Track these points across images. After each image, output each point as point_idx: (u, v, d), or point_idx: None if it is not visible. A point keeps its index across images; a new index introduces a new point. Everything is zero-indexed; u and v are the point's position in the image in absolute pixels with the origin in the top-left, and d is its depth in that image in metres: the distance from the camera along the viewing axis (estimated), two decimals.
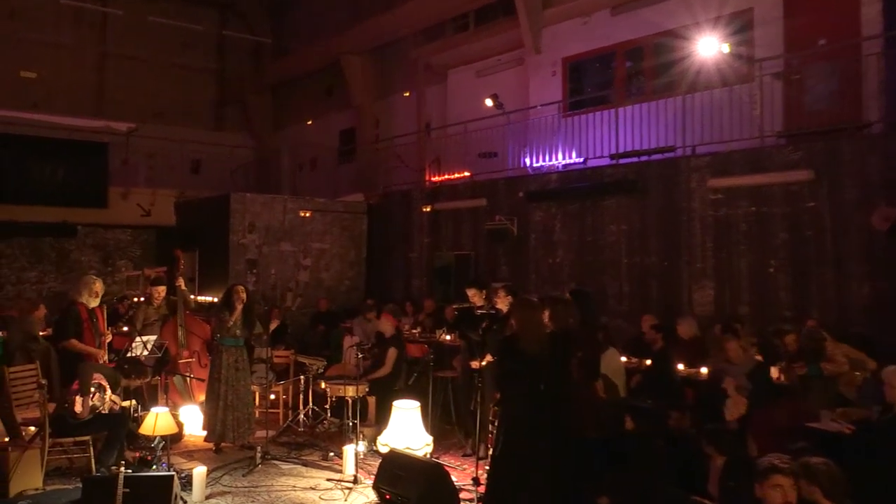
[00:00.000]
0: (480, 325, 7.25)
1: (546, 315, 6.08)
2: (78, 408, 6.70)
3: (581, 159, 12.14)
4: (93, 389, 6.82)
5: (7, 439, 6.95)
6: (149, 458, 7.10)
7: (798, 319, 8.45)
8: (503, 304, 7.29)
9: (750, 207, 9.39)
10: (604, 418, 6.50)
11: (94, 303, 7.82)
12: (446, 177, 14.66)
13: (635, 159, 11.00)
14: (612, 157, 11.40)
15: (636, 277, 10.60)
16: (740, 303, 9.45)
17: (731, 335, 7.66)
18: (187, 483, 6.48)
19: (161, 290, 8.87)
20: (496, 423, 5.85)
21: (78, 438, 6.71)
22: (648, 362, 8.29)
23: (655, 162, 10.68)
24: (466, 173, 14.08)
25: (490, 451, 6.06)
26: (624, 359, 8.38)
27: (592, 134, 11.89)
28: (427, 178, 15.02)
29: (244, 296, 7.87)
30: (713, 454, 5.50)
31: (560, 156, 12.63)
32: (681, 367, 7.96)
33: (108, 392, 6.99)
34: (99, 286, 7.89)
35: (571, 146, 12.45)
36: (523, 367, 5.35)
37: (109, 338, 7.93)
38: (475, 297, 7.90)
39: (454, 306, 9.22)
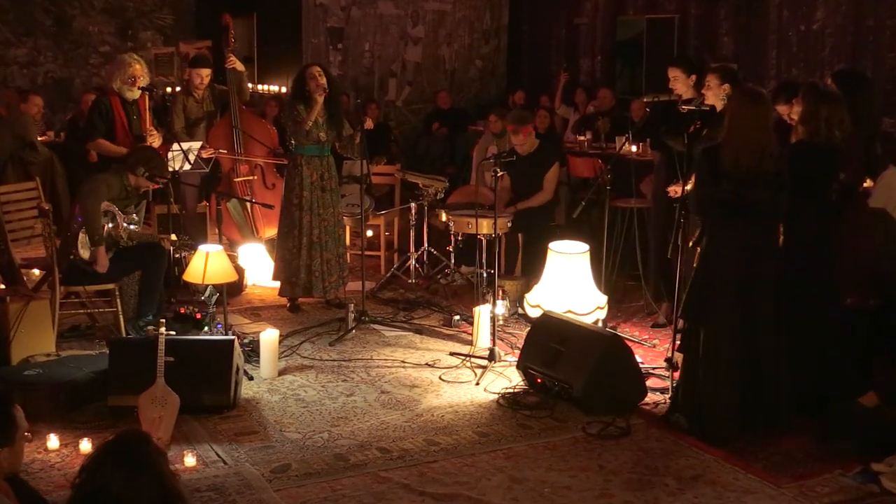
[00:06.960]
0: (688, 127, 7.13)
1: (798, 118, 5.94)
2: (86, 253, 7.09)
3: None
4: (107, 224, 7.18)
5: (3, 287, 7.57)
6: (197, 315, 7.51)
7: None
8: (716, 96, 7.10)
9: None
10: (877, 277, 6.42)
11: (132, 93, 8.21)
12: None
13: None
14: None
15: None
16: None
17: None
18: (252, 352, 6.90)
19: (205, 75, 9.11)
20: (693, 273, 5.89)
21: (99, 287, 7.23)
22: None
23: None
24: None
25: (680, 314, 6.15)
26: None
27: None
28: None
29: (324, 80, 7.91)
30: None
31: None
32: None
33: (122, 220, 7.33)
34: (139, 69, 8.21)
35: None
36: (730, 192, 5.32)
37: (158, 141, 8.30)
38: (680, 84, 7.72)
39: (645, 100, 9.06)
